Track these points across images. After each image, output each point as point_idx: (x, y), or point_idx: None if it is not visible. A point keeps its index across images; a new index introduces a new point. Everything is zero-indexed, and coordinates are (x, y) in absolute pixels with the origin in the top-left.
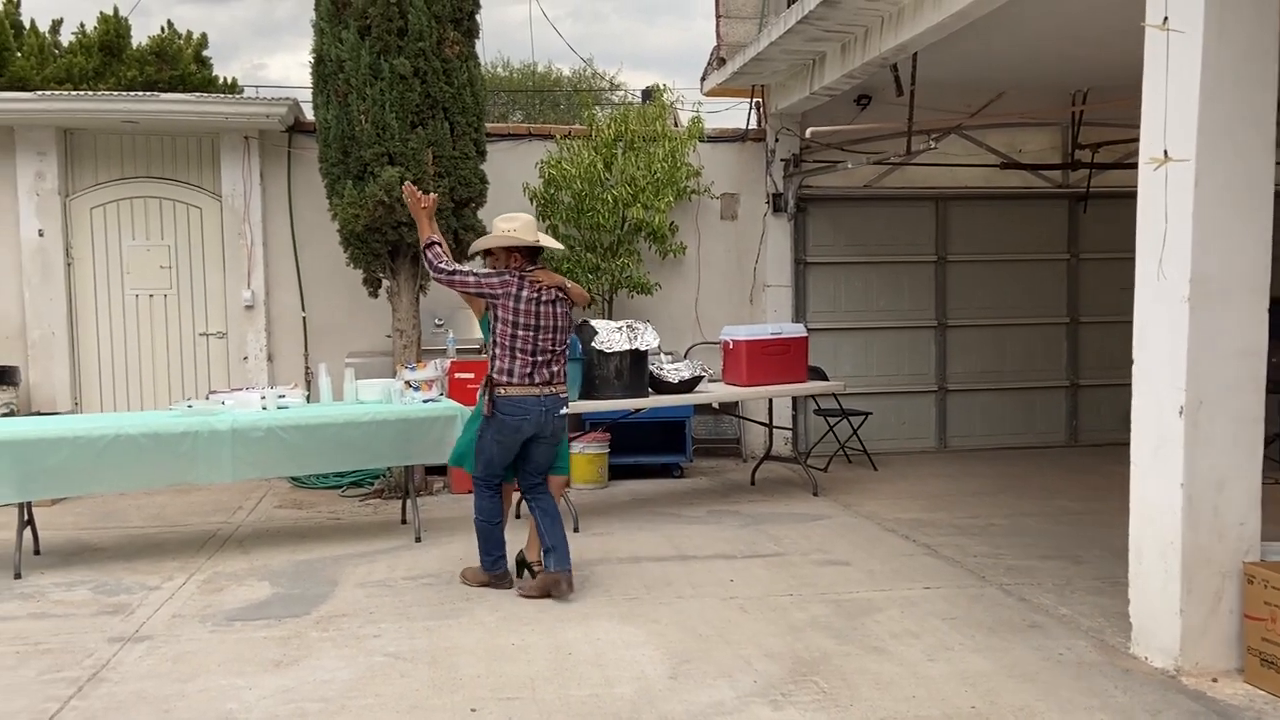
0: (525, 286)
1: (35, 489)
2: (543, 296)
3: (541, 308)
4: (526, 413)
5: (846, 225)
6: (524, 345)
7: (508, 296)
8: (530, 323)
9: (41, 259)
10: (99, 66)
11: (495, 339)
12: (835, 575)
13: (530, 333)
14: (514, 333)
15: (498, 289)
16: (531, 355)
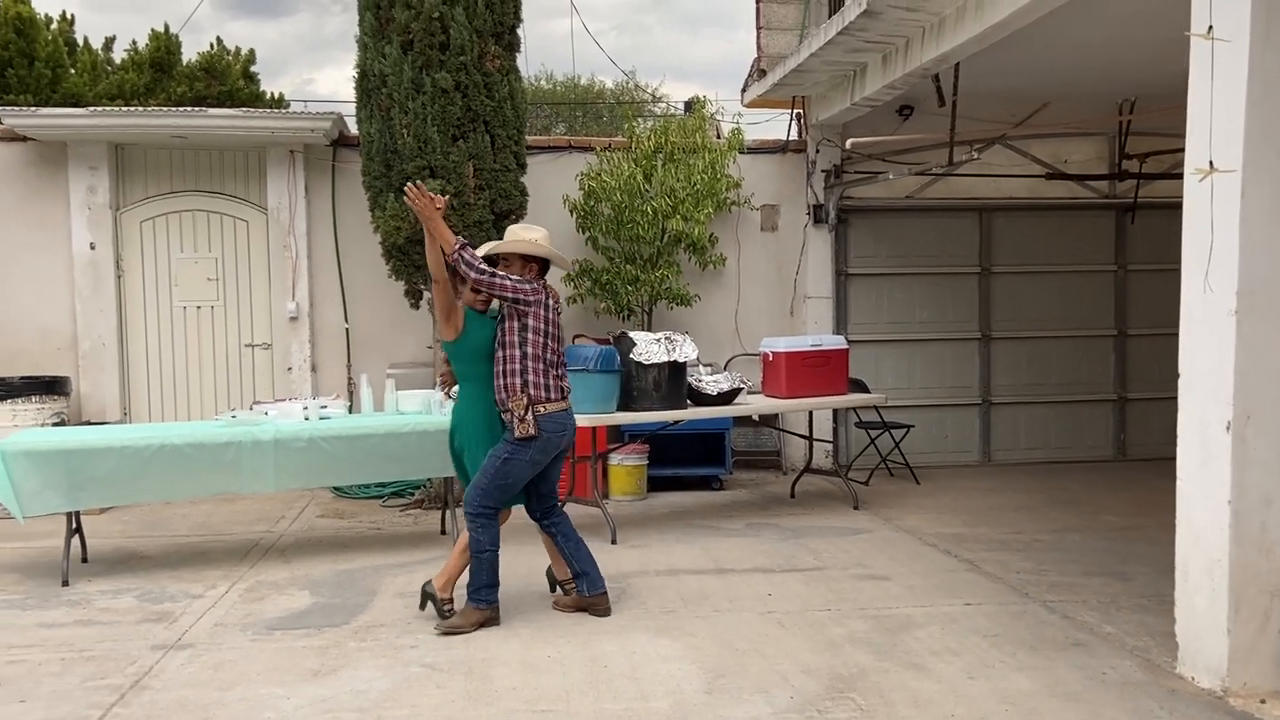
0: (548, 295)
1: (83, 498)
2: (558, 307)
3: (557, 318)
4: (564, 428)
5: (888, 236)
6: (552, 357)
7: (539, 305)
8: (556, 334)
9: (93, 271)
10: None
11: (520, 351)
12: (875, 590)
13: (557, 344)
14: (545, 343)
15: (530, 296)
16: (558, 367)
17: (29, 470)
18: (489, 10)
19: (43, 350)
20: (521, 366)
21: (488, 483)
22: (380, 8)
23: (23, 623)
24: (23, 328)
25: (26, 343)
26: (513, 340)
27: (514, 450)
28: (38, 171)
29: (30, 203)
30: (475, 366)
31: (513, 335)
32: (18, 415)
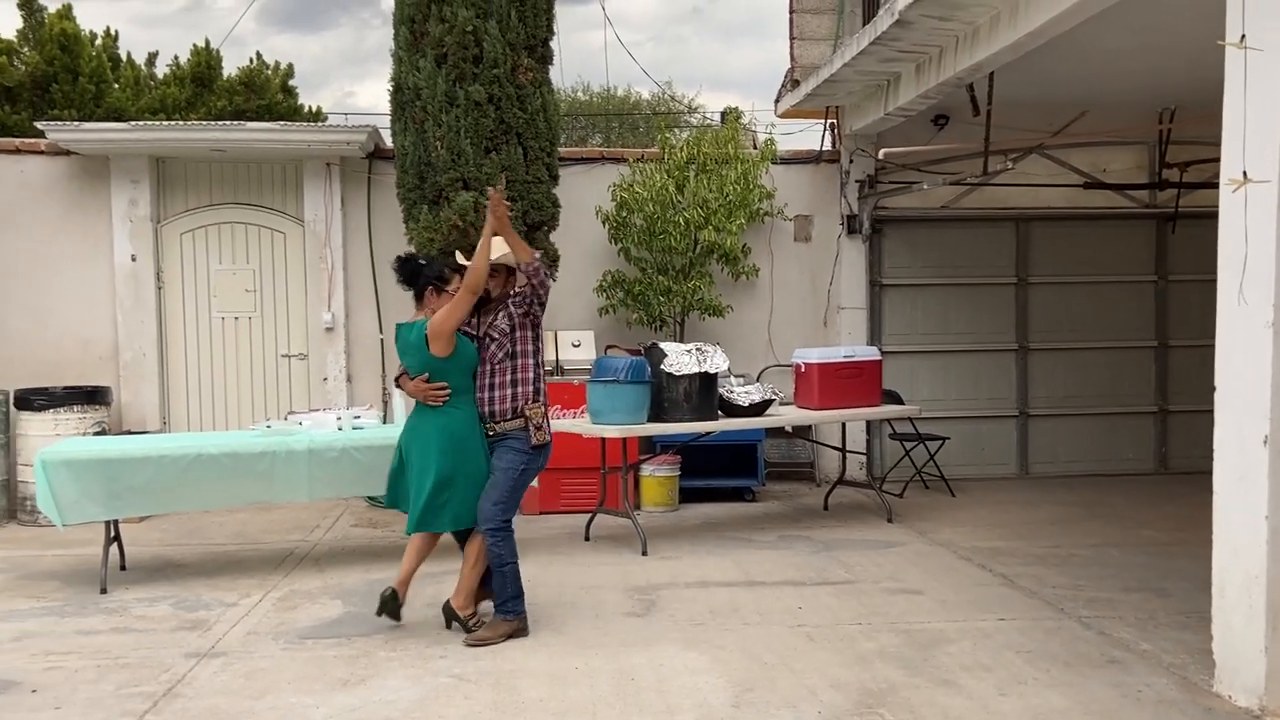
0: None
1: (122, 506)
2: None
3: None
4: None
5: (923, 246)
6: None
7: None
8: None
9: (134, 283)
10: (191, 97)
11: (534, 360)
12: (907, 604)
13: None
14: (541, 349)
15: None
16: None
17: (68, 479)
18: (522, 23)
19: (85, 360)
20: (535, 374)
21: (507, 496)
22: (415, 22)
23: (61, 629)
24: (66, 339)
25: (70, 353)
26: (526, 349)
27: (530, 459)
28: (81, 185)
29: (73, 216)
30: (467, 380)
31: (526, 344)
32: (60, 425)
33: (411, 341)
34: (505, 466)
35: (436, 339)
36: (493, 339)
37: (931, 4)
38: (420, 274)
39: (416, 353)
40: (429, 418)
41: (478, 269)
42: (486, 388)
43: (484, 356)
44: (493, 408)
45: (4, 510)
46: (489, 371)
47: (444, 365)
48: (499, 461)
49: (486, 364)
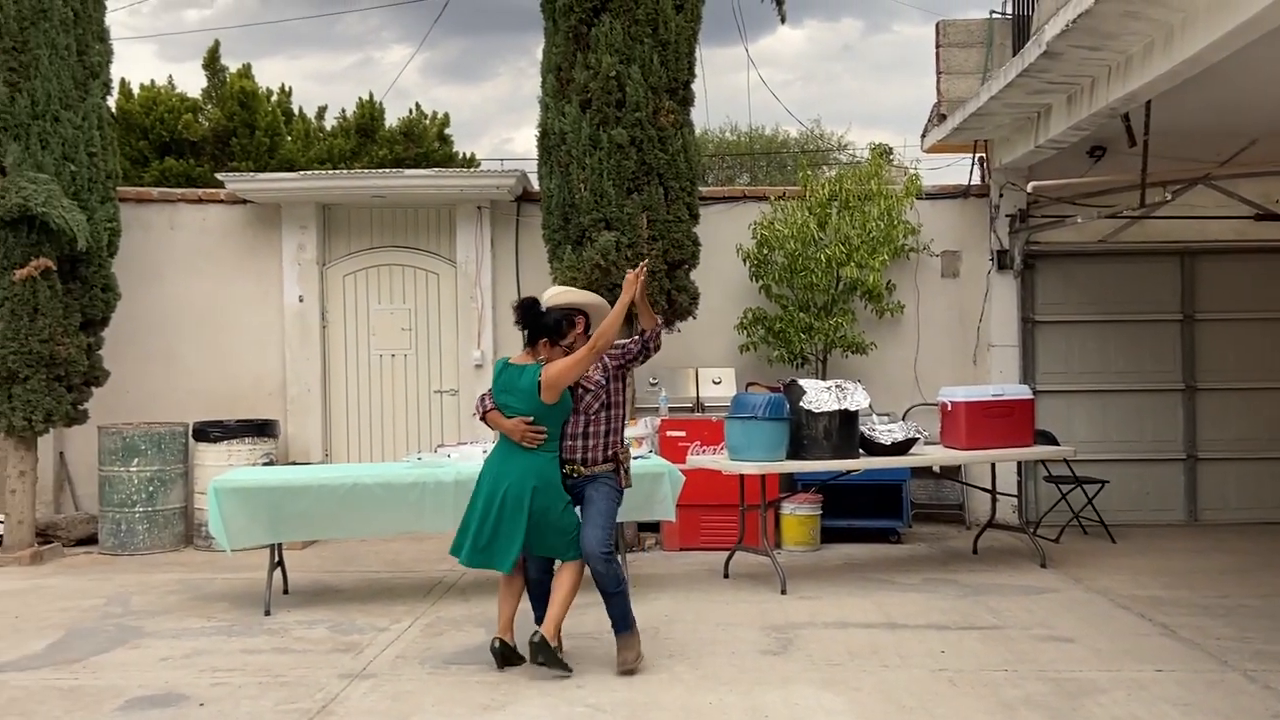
0: None
1: (284, 532)
2: None
3: None
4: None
5: (1079, 282)
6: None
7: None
8: None
9: (301, 323)
10: (355, 147)
11: (624, 412)
12: (1057, 652)
13: None
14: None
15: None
16: None
17: (237, 505)
18: (664, 67)
19: (256, 395)
20: (623, 425)
21: (611, 523)
22: (561, 70)
23: (228, 648)
24: (240, 374)
25: (243, 388)
26: (619, 400)
27: (619, 495)
28: (255, 231)
29: (248, 260)
30: (559, 427)
31: (619, 395)
32: (233, 455)
33: (522, 385)
34: (604, 498)
35: (551, 389)
36: (587, 389)
37: (1081, 34)
38: (539, 324)
39: (526, 397)
40: (521, 459)
41: (607, 334)
42: (580, 436)
43: (578, 406)
44: (585, 455)
45: (181, 535)
46: (584, 421)
47: (547, 412)
48: (595, 494)
49: (581, 413)
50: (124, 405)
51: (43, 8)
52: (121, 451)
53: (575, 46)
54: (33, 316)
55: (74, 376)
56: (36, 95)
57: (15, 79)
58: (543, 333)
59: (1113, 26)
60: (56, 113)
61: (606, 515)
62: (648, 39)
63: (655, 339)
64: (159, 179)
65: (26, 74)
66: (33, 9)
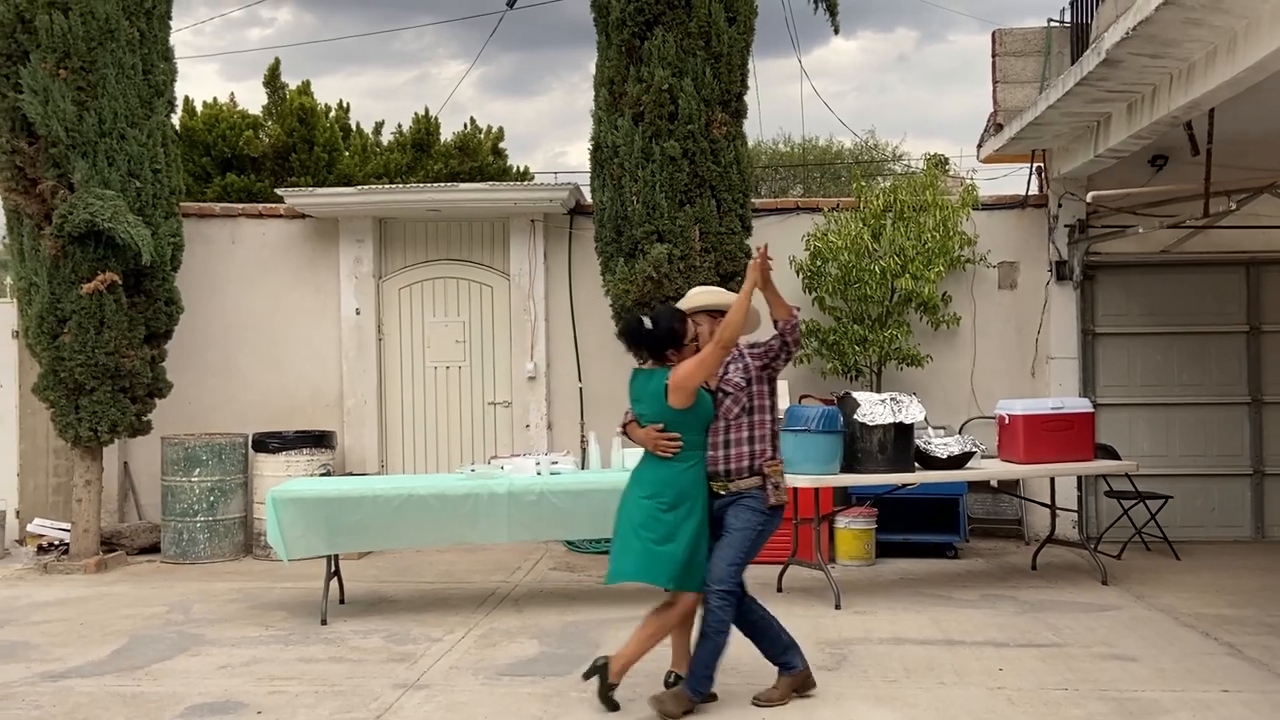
0: None
1: (341, 542)
2: None
3: None
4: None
5: (1141, 293)
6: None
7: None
8: None
9: (357, 335)
10: (411, 161)
11: (771, 418)
12: (1119, 671)
13: None
14: (776, 405)
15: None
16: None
17: (294, 515)
18: (716, 80)
19: (314, 407)
20: (773, 431)
21: (743, 556)
22: (614, 83)
23: (285, 656)
24: (299, 387)
25: (301, 400)
26: (764, 404)
27: (766, 520)
28: (313, 245)
29: (307, 273)
30: (699, 435)
31: (764, 399)
32: (291, 466)
33: (650, 390)
34: (742, 526)
35: (678, 391)
36: (726, 393)
37: (1141, 41)
38: (651, 339)
39: (654, 402)
40: (656, 469)
41: (733, 325)
42: (721, 445)
43: (718, 412)
44: (727, 466)
45: (241, 545)
46: (724, 428)
47: (679, 418)
48: (735, 520)
49: (721, 419)
50: (186, 416)
51: (110, 28)
52: (183, 462)
53: (628, 60)
54: (99, 329)
55: (138, 388)
56: (104, 114)
57: (83, 98)
58: (658, 345)
59: (1174, 33)
60: (123, 130)
61: (739, 545)
62: (700, 51)
63: (791, 332)
64: (221, 194)
65: (94, 93)
66: (100, 30)
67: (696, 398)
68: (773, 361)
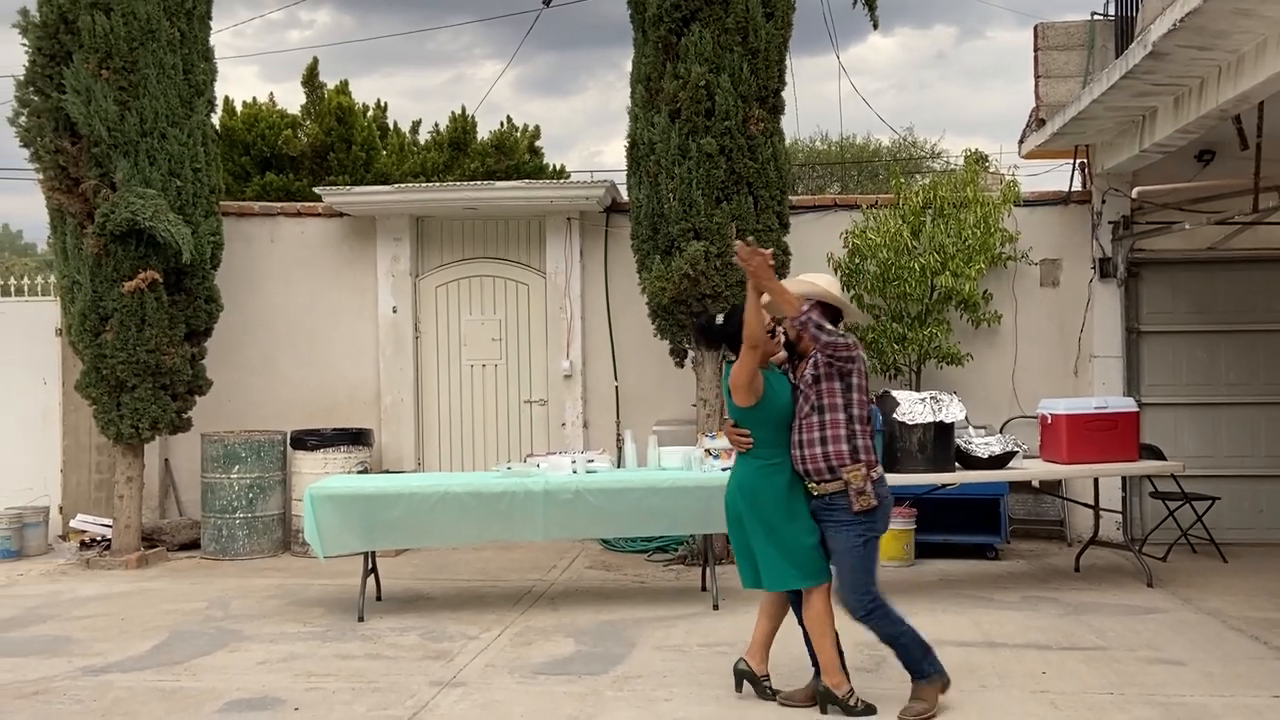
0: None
1: (378, 539)
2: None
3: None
4: (890, 493)
5: (1187, 291)
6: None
7: (861, 362)
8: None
9: (395, 333)
10: (448, 160)
11: (846, 415)
12: (1166, 675)
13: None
14: (866, 402)
15: (855, 351)
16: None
17: (331, 512)
18: (754, 76)
19: (351, 404)
20: (849, 431)
21: (857, 579)
22: (650, 80)
23: (322, 653)
24: (337, 384)
25: (339, 398)
26: (835, 403)
27: (864, 530)
28: (351, 244)
29: (345, 272)
30: (775, 433)
31: (834, 397)
32: (329, 463)
33: (725, 386)
34: (840, 549)
35: (735, 390)
36: (800, 391)
37: (1189, 33)
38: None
39: (727, 398)
40: (737, 466)
41: (749, 325)
42: (797, 444)
43: (795, 410)
44: (805, 466)
45: (280, 541)
46: (799, 427)
47: (745, 415)
48: (834, 543)
49: (796, 418)
50: (225, 414)
51: (151, 29)
52: (223, 459)
53: (665, 56)
54: (140, 327)
55: (179, 385)
56: (145, 113)
57: (125, 98)
58: (729, 341)
59: (1223, 25)
60: (164, 130)
61: (850, 569)
62: (738, 47)
63: (804, 327)
64: (260, 193)
65: (135, 93)
66: (142, 30)
67: (763, 395)
68: (833, 359)
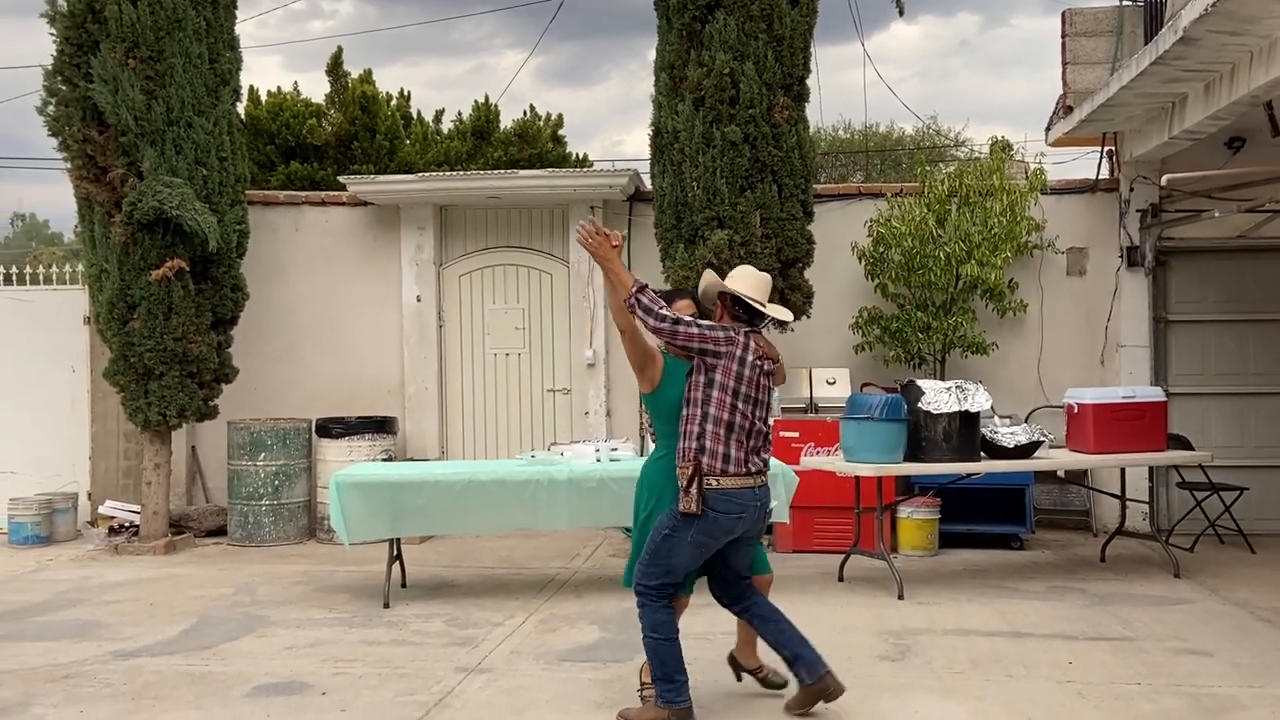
0: (750, 350)
1: (403, 526)
2: (764, 365)
3: (761, 378)
4: (743, 509)
5: (1216, 279)
6: (743, 423)
7: (731, 358)
8: (751, 394)
9: (418, 322)
10: (471, 149)
11: (701, 412)
12: (1193, 666)
13: (751, 407)
14: (734, 404)
15: (721, 345)
16: (749, 436)
17: (357, 500)
18: (778, 63)
19: (376, 393)
20: (700, 429)
21: (647, 559)
22: (674, 68)
23: (349, 639)
24: (361, 373)
25: (364, 386)
26: (696, 397)
27: (675, 526)
28: (375, 233)
29: (369, 261)
30: (668, 425)
31: (697, 391)
32: (354, 451)
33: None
34: (655, 526)
35: (636, 373)
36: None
37: (1221, 18)
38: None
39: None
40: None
41: (614, 305)
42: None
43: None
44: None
45: (305, 528)
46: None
47: (645, 401)
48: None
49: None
50: (251, 401)
51: (177, 18)
52: (249, 446)
53: (689, 44)
54: (167, 315)
55: (205, 373)
56: (171, 102)
57: (152, 87)
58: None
59: (1255, 9)
60: (190, 119)
61: (647, 546)
62: (762, 34)
63: (635, 310)
64: (285, 182)
65: (162, 82)
66: (168, 19)
67: (658, 384)
68: (686, 347)
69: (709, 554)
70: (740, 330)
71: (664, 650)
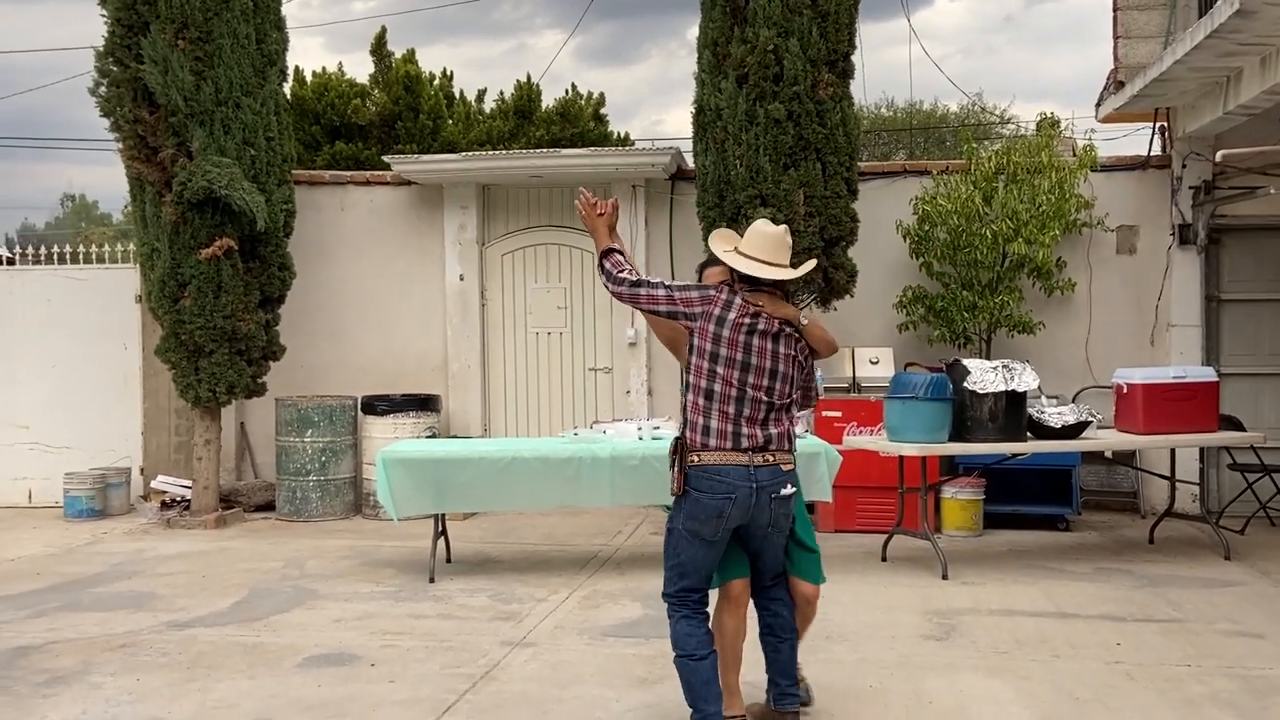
0: (734, 308)
1: (448, 502)
2: (759, 325)
3: (755, 340)
4: (730, 490)
5: (1270, 258)
6: (724, 390)
7: (707, 318)
8: (735, 357)
9: (461, 301)
10: (513, 128)
11: (684, 382)
12: (1245, 648)
13: (736, 372)
14: (711, 369)
15: (695, 305)
16: (737, 405)
17: (403, 476)
18: (823, 39)
19: (420, 371)
20: (683, 401)
21: (669, 564)
22: (717, 45)
23: (396, 612)
24: (406, 351)
25: (409, 365)
26: (684, 366)
27: (671, 517)
28: (419, 212)
29: (413, 240)
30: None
31: (688, 358)
32: (398, 428)
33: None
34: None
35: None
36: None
37: None
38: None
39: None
40: None
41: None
42: None
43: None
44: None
45: (351, 504)
46: None
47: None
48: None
49: None
50: (298, 379)
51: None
52: (296, 423)
53: (732, 20)
54: (217, 294)
55: (254, 351)
56: (220, 83)
57: (201, 68)
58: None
59: None
60: (238, 99)
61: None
62: (806, 10)
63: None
64: (330, 162)
65: (211, 63)
66: (216, 0)
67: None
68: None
69: (715, 546)
70: (723, 289)
71: (686, 671)
